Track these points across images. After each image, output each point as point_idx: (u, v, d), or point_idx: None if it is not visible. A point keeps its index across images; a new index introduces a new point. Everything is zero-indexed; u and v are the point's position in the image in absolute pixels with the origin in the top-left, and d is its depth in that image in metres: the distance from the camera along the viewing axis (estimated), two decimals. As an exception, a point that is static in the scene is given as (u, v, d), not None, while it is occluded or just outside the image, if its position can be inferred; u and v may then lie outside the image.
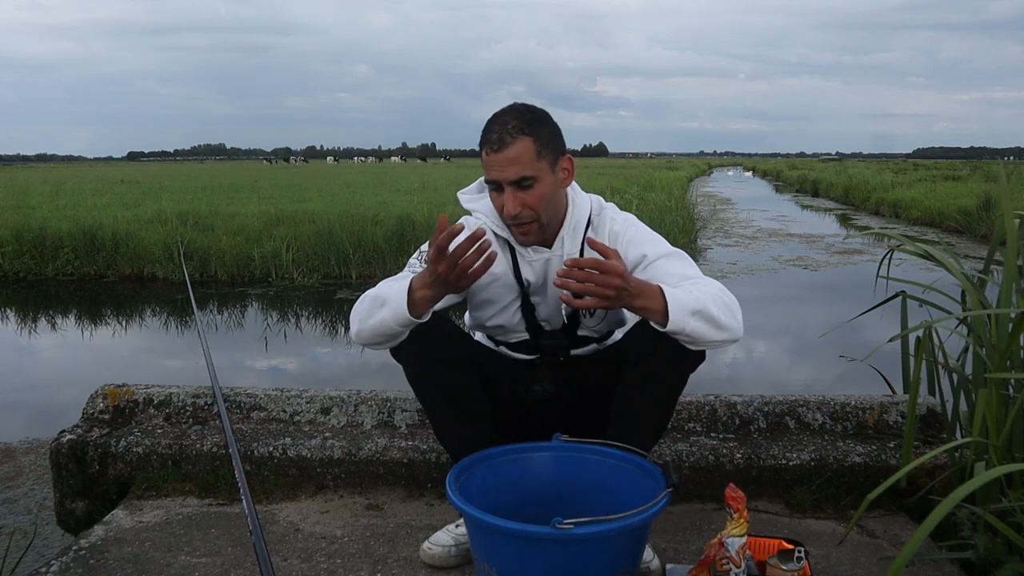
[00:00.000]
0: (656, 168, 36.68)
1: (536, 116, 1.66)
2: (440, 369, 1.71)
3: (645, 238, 1.75)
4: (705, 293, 1.56)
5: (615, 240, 1.77)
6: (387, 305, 1.56)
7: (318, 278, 8.20)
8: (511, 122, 1.63)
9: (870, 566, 1.78)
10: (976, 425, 1.73)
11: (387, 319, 1.57)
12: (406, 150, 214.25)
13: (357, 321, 1.63)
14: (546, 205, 1.68)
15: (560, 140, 1.70)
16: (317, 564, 1.82)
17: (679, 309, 1.51)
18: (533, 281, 1.79)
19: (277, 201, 13.89)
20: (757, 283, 7.89)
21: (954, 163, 50.66)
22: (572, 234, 1.77)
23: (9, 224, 9.29)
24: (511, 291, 1.80)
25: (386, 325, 1.58)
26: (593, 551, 1.42)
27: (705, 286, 1.59)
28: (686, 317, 1.51)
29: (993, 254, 2.29)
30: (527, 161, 1.61)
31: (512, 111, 1.66)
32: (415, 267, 1.72)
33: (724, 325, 1.55)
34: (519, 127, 1.62)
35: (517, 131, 1.61)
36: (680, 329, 1.52)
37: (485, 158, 1.64)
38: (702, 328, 1.53)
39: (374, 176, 28.50)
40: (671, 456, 2.14)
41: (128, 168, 57.44)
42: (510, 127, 1.62)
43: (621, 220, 1.80)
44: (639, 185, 17.88)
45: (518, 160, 1.61)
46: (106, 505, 2.20)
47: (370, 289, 1.66)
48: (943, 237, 10.30)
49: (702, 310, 1.52)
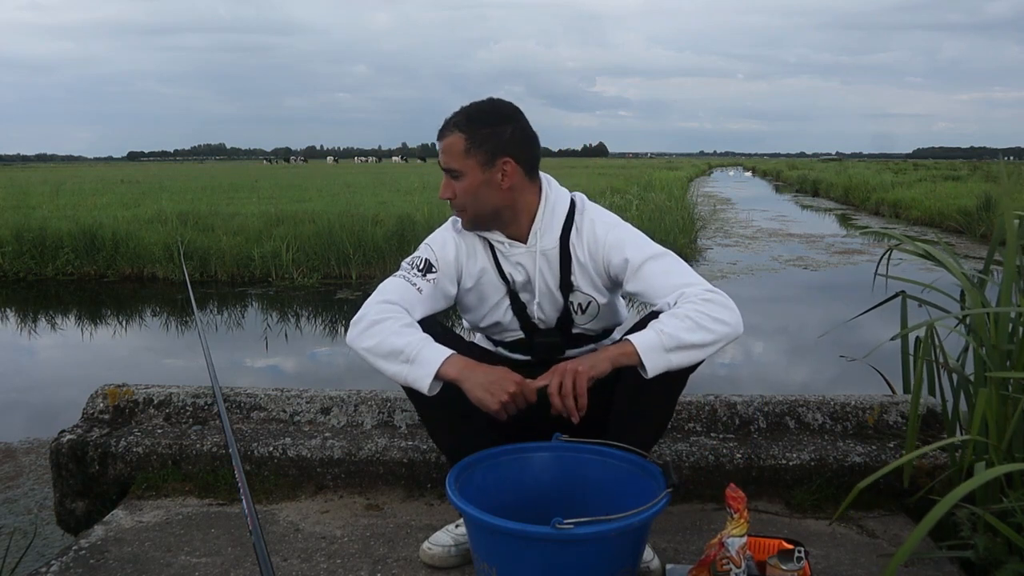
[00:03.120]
0: (656, 168, 36.70)
1: (482, 116, 1.70)
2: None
3: (627, 241, 1.74)
4: (681, 317, 1.57)
5: (596, 245, 1.77)
6: (411, 366, 1.59)
7: (318, 278, 8.20)
8: (456, 116, 1.71)
9: (870, 566, 1.78)
10: (976, 425, 1.73)
11: (401, 377, 1.61)
12: (406, 150, 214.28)
13: (365, 350, 1.63)
14: (472, 199, 1.73)
15: (502, 143, 1.70)
16: (317, 564, 1.82)
17: (652, 355, 1.55)
18: (517, 278, 1.80)
19: (277, 201, 13.89)
20: (757, 283, 7.89)
21: (954, 163, 50.66)
22: (545, 231, 1.77)
23: (9, 224, 9.29)
24: (498, 288, 1.82)
25: (398, 379, 1.62)
26: (593, 551, 1.42)
27: (686, 303, 1.60)
28: (663, 357, 1.56)
29: (993, 254, 2.29)
30: (455, 154, 1.70)
31: (470, 106, 1.73)
32: (409, 273, 1.75)
33: (708, 342, 1.57)
34: (457, 122, 1.70)
35: (453, 125, 1.70)
36: (664, 369, 1.57)
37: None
38: (686, 357, 1.57)
39: (374, 176, 28.51)
40: (671, 456, 2.14)
41: (128, 168, 57.46)
42: (452, 120, 1.71)
43: (602, 223, 1.79)
44: (639, 185, 17.89)
45: (448, 151, 1.70)
46: (106, 505, 2.20)
47: (377, 306, 1.67)
48: (943, 237, 10.31)
49: (678, 344, 1.55)
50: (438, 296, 1.77)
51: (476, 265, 1.80)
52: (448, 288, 1.79)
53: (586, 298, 1.80)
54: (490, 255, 1.81)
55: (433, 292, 1.75)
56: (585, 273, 1.79)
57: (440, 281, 1.76)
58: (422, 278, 1.75)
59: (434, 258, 1.77)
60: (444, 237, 1.82)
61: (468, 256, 1.80)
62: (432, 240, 1.82)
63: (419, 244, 1.83)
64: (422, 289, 1.73)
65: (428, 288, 1.74)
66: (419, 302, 1.72)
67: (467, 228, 1.80)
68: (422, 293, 1.73)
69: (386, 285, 1.74)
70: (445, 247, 1.79)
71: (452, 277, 1.79)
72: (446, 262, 1.78)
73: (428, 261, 1.77)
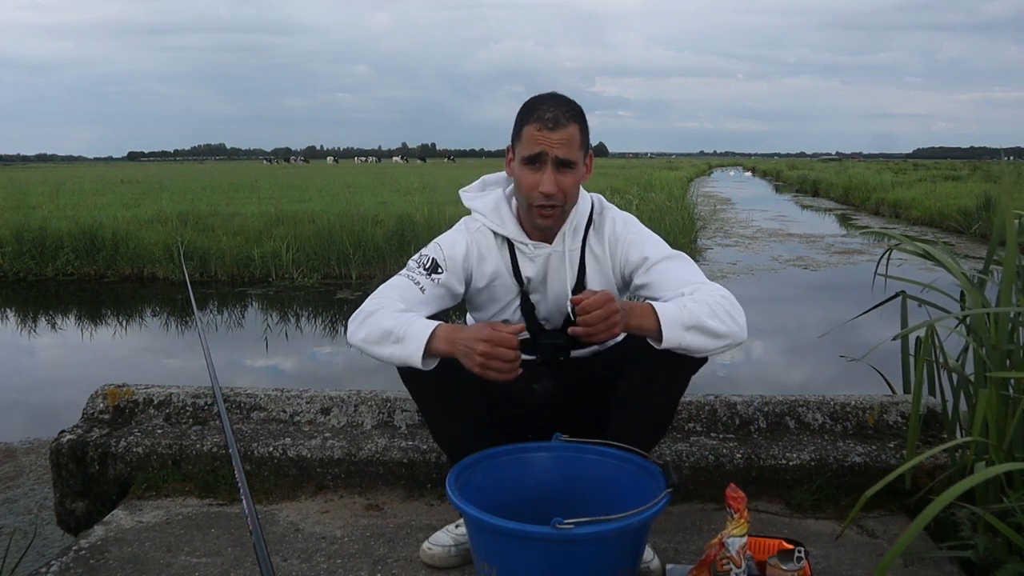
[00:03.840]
0: (656, 168, 36.69)
1: (581, 109, 1.71)
2: (436, 370, 1.71)
3: (646, 240, 1.77)
4: (701, 303, 1.57)
5: (615, 241, 1.78)
6: (401, 345, 1.57)
7: (318, 278, 8.20)
8: (564, 106, 1.67)
9: (870, 566, 1.78)
10: (976, 425, 1.73)
11: (396, 357, 1.59)
12: (406, 150, 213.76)
13: (361, 340, 1.63)
14: (574, 193, 1.72)
15: (589, 137, 1.74)
16: (317, 564, 1.82)
17: (672, 325, 1.54)
18: (532, 277, 1.79)
19: (277, 201, 13.89)
20: (757, 283, 7.89)
21: (954, 163, 50.65)
22: (573, 232, 1.78)
23: (9, 224, 9.29)
24: (510, 289, 1.81)
25: (394, 360, 1.60)
26: (593, 551, 1.42)
27: (704, 293, 1.61)
28: (680, 332, 1.54)
29: (993, 254, 2.29)
30: (574, 146, 1.66)
31: (562, 97, 1.70)
32: (414, 271, 1.74)
33: (722, 333, 1.57)
34: (572, 114, 1.67)
35: (571, 116, 1.66)
36: (676, 344, 1.55)
37: (535, 133, 1.65)
38: (699, 340, 1.56)
39: (374, 176, 28.51)
40: (671, 456, 2.14)
41: (128, 168, 57.45)
42: (564, 111, 1.66)
43: (622, 221, 1.82)
44: (639, 185, 17.88)
45: (568, 143, 1.65)
46: (106, 505, 2.20)
47: (374, 299, 1.67)
48: (943, 237, 10.31)
49: (697, 324, 1.55)
50: (443, 295, 1.76)
51: (489, 267, 1.79)
52: (456, 287, 1.77)
53: None
54: (507, 255, 1.80)
55: (437, 292, 1.74)
56: (600, 273, 1.79)
57: (446, 281, 1.75)
58: (427, 277, 1.73)
59: (442, 257, 1.76)
60: (455, 238, 1.80)
61: (480, 258, 1.79)
62: (442, 239, 1.80)
63: (419, 244, 1.83)
64: (425, 288, 1.72)
65: (431, 287, 1.73)
66: (421, 302, 1.71)
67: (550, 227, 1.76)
68: (425, 292, 1.72)
69: (388, 283, 1.73)
70: (455, 247, 1.77)
71: (460, 277, 1.77)
72: (454, 262, 1.76)
73: (435, 261, 1.75)
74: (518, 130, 1.70)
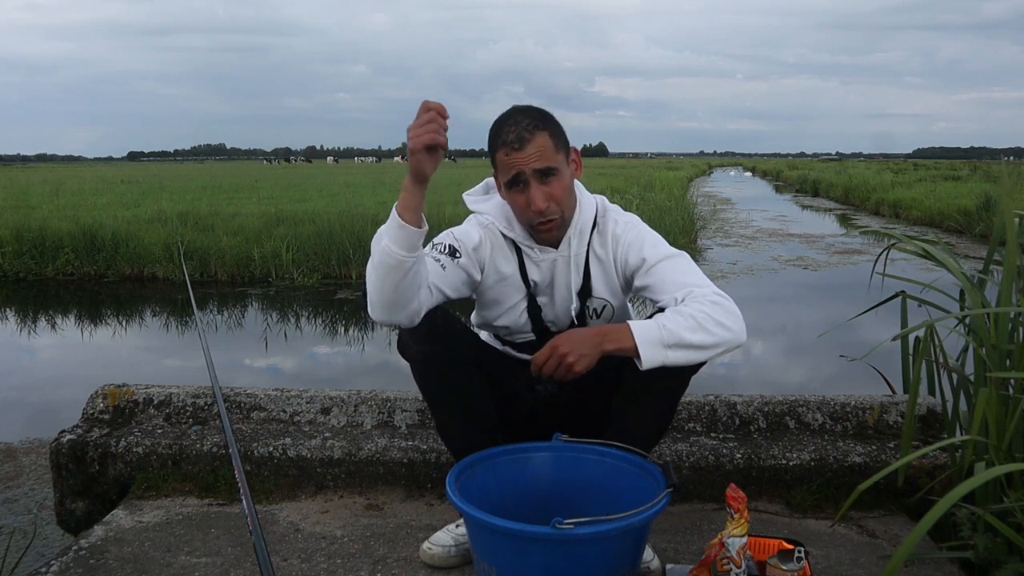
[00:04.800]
0: (656, 168, 36.66)
1: (544, 113, 1.69)
2: (447, 368, 1.71)
3: (646, 241, 1.76)
4: (685, 315, 1.56)
5: (616, 243, 1.78)
6: (383, 234, 1.54)
7: (318, 278, 8.20)
8: (523, 121, 1.65)
9: (870, 566, 1.78)
10: (976, 425, 1.72)
11: (389, 246, 1.52)
12: (406, 150, 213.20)
13: (368, 282, 1.58)
14: (567, 197, 1.71)
15: (565, 134, 1.73)
16: (317, 564, 1.82)
17: (650, 346, 1.53)
18: (539, 282, 1.79)
19: (277, 201, 13.89)
20: (757, 283, 7.89)
21: (954, 163, 50.66)
22: (579, 236, 1.78)
23: (9, 224, 9.28)
24: (518, 291, 1.81)
25: (391, 255, 1.52)
26: (593, 551, 1.42)
27: (692, 302, 1.59)
28: (661, 352, 1.54)
29: (993, 254, 2.29)
30: (548, 154, 1.65)
31: (520, 111, 1.68)
32: (431, 252, 1.72)
33: (708, 345, 1.56)
34: (533, 124, 1.65)
35: (533, 128, 1.65)
36: (659, 364, 1.54)
37: (504, 159, 1.65)
38: (683, 356, 1.55)
39: (374, 176, 28.49)
40: (671, 456, 2.14)
41: (128, 168, 57.43)
42: (525, 124, 1.64)
43: (623, 222, 1.81)
44: (639, 185, 17.89)
45: (541, 153, 1.64)
46: (106, 505, 2.20)
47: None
48: (943, 237, 10.31)
49: (677, 342, 1.54)
50: (463, 276, 1.74)
51: (502, 262, 1.78)
52: (473, 273, 1.76)
53: (602, 303, 1.81)
54: (516, 259, 1.80)
55: (457, 272, 1.72)
56: (603, 275, 1.79)
57: (465, 264, 1.73)
58: (447, 256, 1.71)
59: (457, 244, 1.74)
60: (468, 230, 1.78)
61: (494, 252, 1.78)
62: (455, 230, 1.78)
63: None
64: (446, 266, 1.70)
65: (452, 266, 1.71)
66: (441, 277, 1.68)
67: (555, 237, 1.74)
68: (445, 270, 1.69)
69: None
70: (470, 237, 1.76)
71: (476, 265, 1.76)
72: (470, 250, 1.74)
73: (452, 246, 1.73)
74: (492, 159, 1.69)
